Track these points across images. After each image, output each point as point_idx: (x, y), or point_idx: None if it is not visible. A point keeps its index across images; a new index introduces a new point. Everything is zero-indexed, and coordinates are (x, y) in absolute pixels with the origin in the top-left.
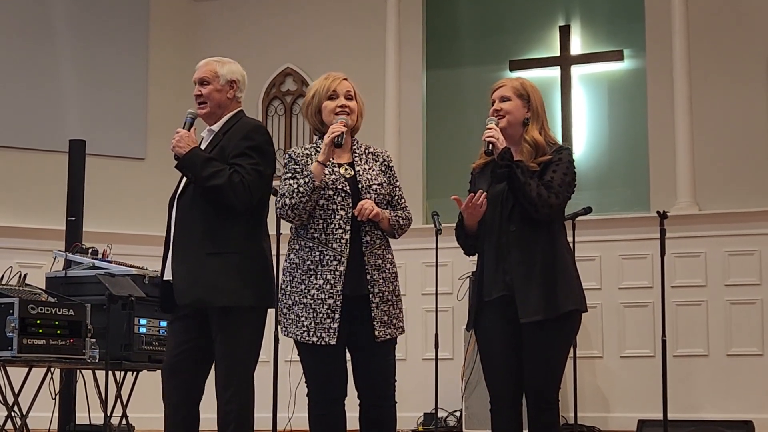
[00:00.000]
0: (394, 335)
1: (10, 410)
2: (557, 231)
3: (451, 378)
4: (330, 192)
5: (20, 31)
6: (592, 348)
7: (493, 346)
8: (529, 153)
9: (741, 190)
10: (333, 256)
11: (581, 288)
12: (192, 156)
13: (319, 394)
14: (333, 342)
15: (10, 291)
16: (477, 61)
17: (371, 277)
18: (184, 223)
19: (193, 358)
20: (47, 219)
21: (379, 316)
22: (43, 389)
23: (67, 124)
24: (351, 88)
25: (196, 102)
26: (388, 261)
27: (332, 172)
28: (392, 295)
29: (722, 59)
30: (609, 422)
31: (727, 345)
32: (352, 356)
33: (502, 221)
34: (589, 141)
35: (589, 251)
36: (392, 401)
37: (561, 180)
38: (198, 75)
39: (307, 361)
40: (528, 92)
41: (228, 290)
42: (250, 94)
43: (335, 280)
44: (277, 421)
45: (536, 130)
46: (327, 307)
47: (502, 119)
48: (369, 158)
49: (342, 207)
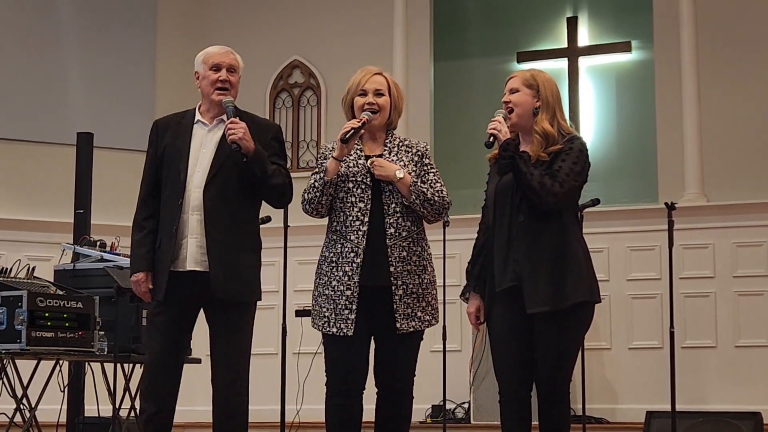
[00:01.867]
0: (419, 328)
1: (18, 403)
2: (568, 221)
3: (459, 370)
4: (350, 185)
5: (28, 25)
6: (600, 339)
7: (503, 337)
8: (540, 143)
9: (749, 182)
10: (350, 248)
11: (593, 279)
12: (260, 150)
13: (336, 384)
14: (350, 333)
15: (19, 284)
16: (485, 52)
17: (394, 269)
18: (216, 216)
19: (178, 353)
20: (55, 212)
21: (402, 309)
22: (52, 382)
23: (75, 117)
24: (383, 83)
25: (217, 87)
26: (416, 254)
27: (356, 164)
28: (418, 287)
29: (730, 50)
30: (617, 414)
31: (736, 336)
32: (376, 347)
33: (512, 212)
34: (597, 132)
35: (597, 243)
36: (409, 395)
37: (569, 169)
38: (227, 61)
39: (328, 351)
40: (537, 82)
41: (257, 287)
42: (258, 86)
43: (353, 272)
44: (285, 414)
45: (546, 120)
46: (345, 298)
47: (512, 113)
48: (400, 150)
49: (361, 199)
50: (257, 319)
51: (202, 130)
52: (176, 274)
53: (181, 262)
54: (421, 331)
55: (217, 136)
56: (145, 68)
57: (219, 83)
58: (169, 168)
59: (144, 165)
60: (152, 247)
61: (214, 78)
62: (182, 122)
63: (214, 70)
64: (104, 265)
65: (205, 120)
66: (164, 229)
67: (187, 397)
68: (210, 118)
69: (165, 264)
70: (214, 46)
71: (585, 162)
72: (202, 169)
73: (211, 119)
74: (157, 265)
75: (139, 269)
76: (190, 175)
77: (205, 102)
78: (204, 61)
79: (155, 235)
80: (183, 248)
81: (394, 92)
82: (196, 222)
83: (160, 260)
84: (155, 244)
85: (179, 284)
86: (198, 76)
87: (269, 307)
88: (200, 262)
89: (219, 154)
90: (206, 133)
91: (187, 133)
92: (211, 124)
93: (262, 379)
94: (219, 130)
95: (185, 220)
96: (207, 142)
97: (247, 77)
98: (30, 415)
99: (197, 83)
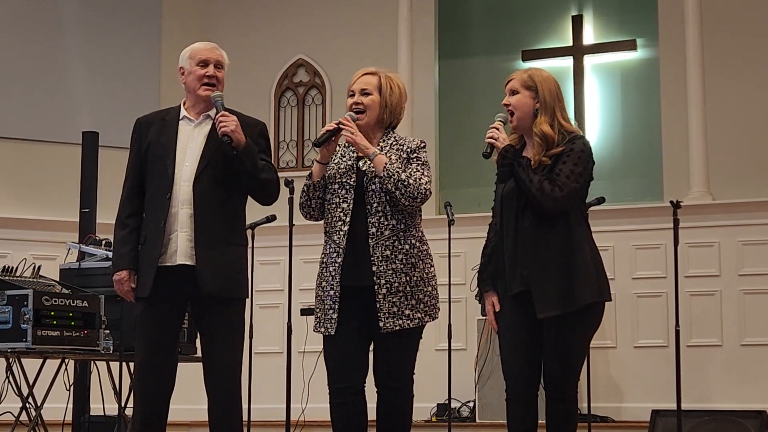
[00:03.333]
0: (407, 326)
1: (24, 402)
2: (574, 222)
3: (464, 368)
4: (336, 186)
5: (32, 23)
6: (605, 338)
7: (513, 337)
8: (540, 146)
9: (755, 180)
10: (334, 248)
11: (603, 278)
12: (251, 144)
13: (334, 383)
14: (332, 332)
15: (24, 283)
16: (489, 51)
17: (377, 268)
18: (206, 210)
19: (169, 351)
20: (61, 211)
21: (386, 308)
22: (58, 380)
23: (80, 116)
24: (370, 81)
25: (205, 83)
26: (402, 251)
27: (344, 166)
28: (406, 285)
29: (736, 48)
30: (622, 412)
31: (741, 335)
32: (374, 346)
33: (517, 217)
34: (602, 131)
35: (602, 241)
36: (408, 393)
37: (569, 172)
38: (215, 57)
39: (324, 350)
40: (536, 83)
41: (245, 283)
42: (263, 85)
43: (335, 272)
44: (291, 412)
45: (545, 122)
46: (329, 298)
47: (512, 116)
48: (392, 149)
49: (345, 200)
50: (262, 317)
51: (188, 126)
52: (164, 270)
53: (170, 257)
54: (414, 328)
55: (204, 130)
56: (150, 67)
57: (206, 78)
58: (155, 164)
59: (127, 163)
60: (135, 246)
61: (201, 73)
62: (166, 118)
63: (201, 66)
64: (109, 263)
65: (190, 116)
66: (151, 225)
67: (191, 396)
68: (196, 113)
69: (151, 259)
70: (200, 43)
71: (587, 161)
72: (191, 163)
73: (197, 115)
74: (142, 261)
75: (121, 267)
76: (178, 170)
77: (190, 98)
78: (191, 56)
79: (138, 233)
80: (173, 242)
81: (386, 91)
82: (186, 216)
83: (145, 256)
84: (138, 242)
85: (167, 279)
86: (183, 72)
87: (274, 305)
88: (190, 256)
89: (207, 149)
90: (192, 128)
91: (173, 129)
92: (198, 120)
93: (267, 378)
94: (206, 125)
95: (174, 214)
96: (194, 137)
97: (252, 76)
98: (36, 413)
99: (182, 79)
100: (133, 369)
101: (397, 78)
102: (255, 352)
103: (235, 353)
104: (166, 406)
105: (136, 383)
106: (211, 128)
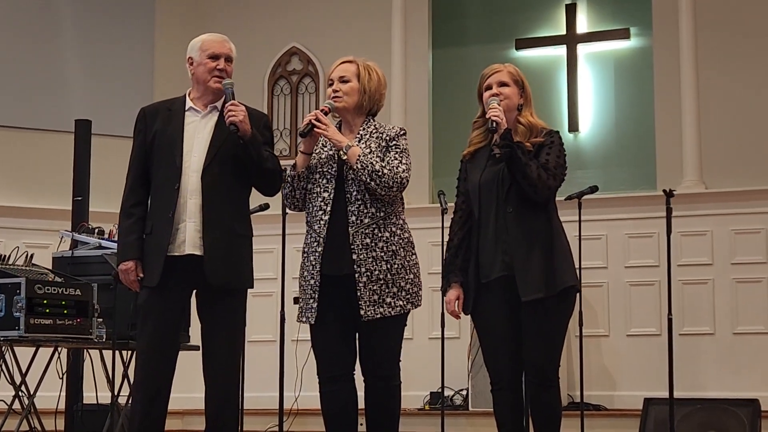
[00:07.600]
0: (388, 314)
1: (17, 390)
2: (552, 210)
3: (457, 357)
4: (317, 176)
5: (27, 13)
6: (598, 326)
7: (492, 328)
8: (524, 134)
9: (747, 169)
10: (314, 237)
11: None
12: (256, 134)
13: (320, 372)
14: (313, 321)
15: (17, 271)
16: (483, 39)
17: (357, 257)
18: (214, 200)
19: (173, 340)
20: (53, 199)
21: (367, 296)
22: (50, 369)
23: (73, 104)
24: (348, 69)
25: (215, 75)
26: (382, 239)
27: (326, 156)
28: (386, 273)
29: (729, 37)
30: (615, 401)
31: (734, 323)
32: (358, 335)
33: (499, 203)
34: (595, 119)
35: (595, 230)
36: (394, 381)
37: (555, 162)
38: (225, 51)
39: (311, 340)
40: (521, 79)
41: (250, 274)
42: (256, 74)
43: (315, 261)
44: (284, 400)
45: (530, 114)
46: (310, 287)
47: (502, 102)
48: (371, 137)
49: (325, 189)
50: (255, 306)
51: (195, 117)
52: (171, 259)
53: (178, 246)
54: (396, 316)
55: (212, 122)
56: (144, 55)
57: (217, 72)
58: (161, 154)
59: (131, 153)
60: (140, 235)
61: (212, 66)
62: (172, 109)
63: (212, 59)
64: (102, 252)
65: (197, 107)
66: (158, 215)
67: (186, 385)
68: (203, 104)
69: (159, 249)
70: (210, 34)
71: (565, 155)
72: (199, 154)
73: (204, 106)
74: (148, 251)
75: (128, 257)
76: (186, 160)
77: (198, 88)
78: (201, 48)
79: (143, 223)
80: (180, 232)
81: (364, 77)
82: (194, 206)
83: (152, 246)
84: (143, 231)
85: (174, 269)
86: (192, 62)
87: (267, 294)
88: (198, 246)
89: (215, 140)
90: (200, 119)
91: (180, 120)
92: (205, 111)
93: (260, 366)
94: (213, 116)
95: (183, 204)
96: (201, 128)
97: (246, 64)
98: (29, 402)
99: (191, 69)
100: (135, 357)
101: (376, 66)
102: (248, 340)
103: (237, 344)
104: (167, 395)
105: (138, 371)
106: (218, 120)
